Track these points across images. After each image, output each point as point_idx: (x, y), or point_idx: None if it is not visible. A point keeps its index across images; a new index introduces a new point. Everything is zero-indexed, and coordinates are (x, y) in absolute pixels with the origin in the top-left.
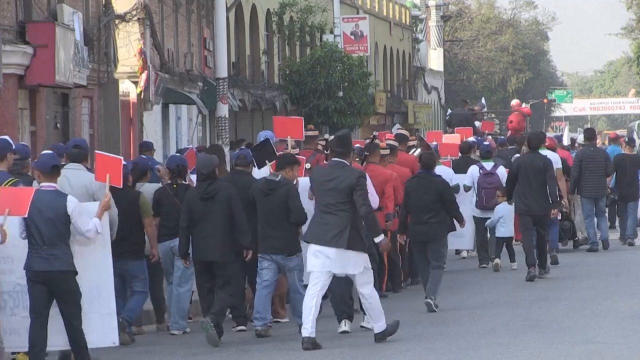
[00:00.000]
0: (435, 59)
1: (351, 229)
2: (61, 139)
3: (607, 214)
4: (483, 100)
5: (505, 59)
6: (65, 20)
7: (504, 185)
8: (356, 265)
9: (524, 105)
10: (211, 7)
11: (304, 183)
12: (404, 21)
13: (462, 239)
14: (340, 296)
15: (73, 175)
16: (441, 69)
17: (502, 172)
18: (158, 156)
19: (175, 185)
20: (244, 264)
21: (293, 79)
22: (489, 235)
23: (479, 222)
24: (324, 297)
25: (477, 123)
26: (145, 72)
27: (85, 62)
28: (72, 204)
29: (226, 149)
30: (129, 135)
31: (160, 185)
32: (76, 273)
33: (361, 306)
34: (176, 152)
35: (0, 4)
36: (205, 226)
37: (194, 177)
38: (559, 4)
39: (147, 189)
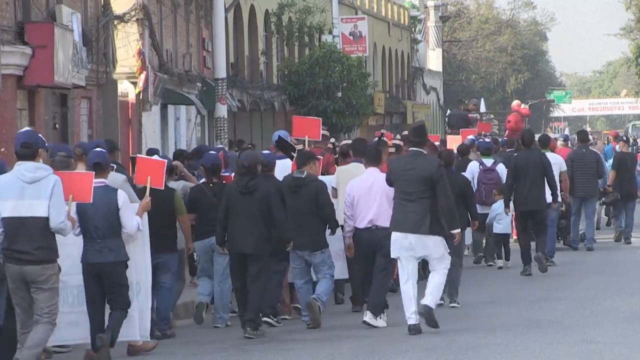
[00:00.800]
0: (434, 60)
1: (431, 215)
2: (60, 139)
3: (596, 215)
4: (482, 102)
5: (504, 60)
6: (64, 21)
7: (504, 182)
8: (436, 249)
9: (523, 106)
10: (210, 7)
11: (326, 181)
12: (402, 22)
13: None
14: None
15: None
16: (440, 69)
17: (502, 169)
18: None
19: (211, 185)
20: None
21: (292, 80)
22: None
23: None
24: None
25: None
26: (144, 72)
27: (84, 63)
28: (122, 197)
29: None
30: (128, 136)
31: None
32: (127, 265)
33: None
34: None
35: None
36: (243, 220)
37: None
38: (558, 4)
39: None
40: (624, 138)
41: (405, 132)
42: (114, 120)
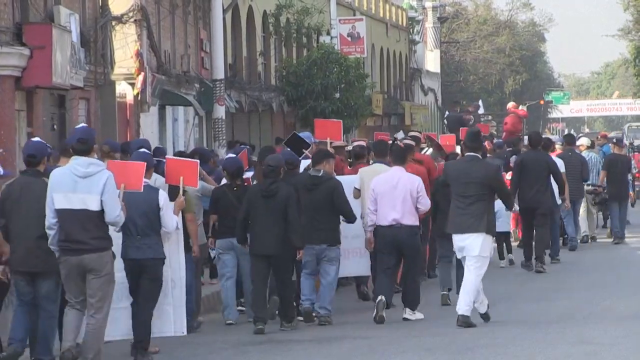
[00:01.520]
0: (432, 61)
1: (487, 216)
2: (58, 140)
3: (581, 215)
4: (480, 104)
5: (502, 61)
6: (62, 22)
7: None
8: (484, 248)
9: (520, 107)
10: (208, 8)
11: (348, 182)
12: (400, 23)
13: None
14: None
15: None
16: (438, 70)
17: None
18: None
19: (235, 188)
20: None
21: (290, 81)
22: None
23: None
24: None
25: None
26: (142, 73)
27: (82, 64)
28: (163, 197)
29: (223, 151)
30: (126, 137)
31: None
32: (164, 262)
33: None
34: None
35: None
36: (264, 222)
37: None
38: (556, 5)
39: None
40: (614, 140)
41: (413, 133)
42: (112, 121)
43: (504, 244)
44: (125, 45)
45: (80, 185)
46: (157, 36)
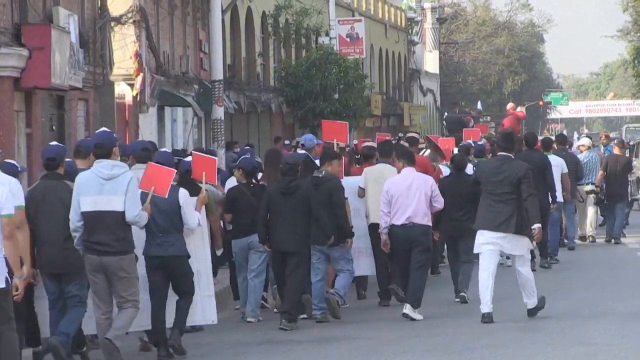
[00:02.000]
0: (430, 62)
1: (518, 215)
2: (56, 141)
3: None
4: (479, 106)
5: (500, 61)
6: (60, 23)
7: None
8: (521, 247)
9: (518, 109)
10: (207, 9)
11: (353, 182)
12: (399, 23)
13: None
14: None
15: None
16: (437, 71)
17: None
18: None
19: (252, 185)
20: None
21: (289, 81)
22: None
23: None
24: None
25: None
26: (141, 74)
27: (80, 65)
28: (183, 196)
29: (221, 151)
30: (125, 138)
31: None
32: (189, 256)
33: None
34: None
35: None
36: (284, 219)
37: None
38: (555, 6)
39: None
40: (615, 140)
41: (411, 134)
42: (110, 122)
43: None
44: (124, 46)
45: (105, 187)
46: (156, 37)
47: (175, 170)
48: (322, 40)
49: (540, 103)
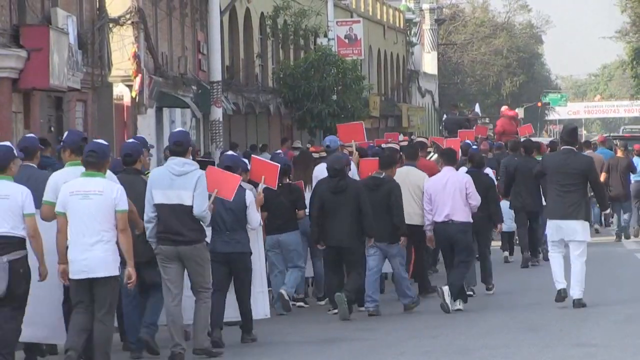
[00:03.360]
0: (429, 63)
1: (584, 203)
2: (55, 142)
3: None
4: (477, 109)
5: (499, 63)
6: (59, 24)
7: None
8: (584, 233)
9: (516, 110)
10: (205, 10)
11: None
12: (398, 25)
13: None
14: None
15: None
16: (435, 72)
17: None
18: (153, 160)
19: (281, 185)
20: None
21: (287, 83)
22: None
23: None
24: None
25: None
26: (139, 75)
27: (79, 66)
28: (250, 197)
29: (220, 152)
30: (123, 139)
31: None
32: (251, 254)
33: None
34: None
35: None
36: (336, 216)
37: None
38: (553, 7)
39: None
40: (616, 143)
41: (420, 139)
42: (109, 123)
43: (508, 244)
44: (123, 47)
45: (176, 182)
46: (154, 38)
47: (241, 177)
48: (321, 41)
49: (539, 104)
